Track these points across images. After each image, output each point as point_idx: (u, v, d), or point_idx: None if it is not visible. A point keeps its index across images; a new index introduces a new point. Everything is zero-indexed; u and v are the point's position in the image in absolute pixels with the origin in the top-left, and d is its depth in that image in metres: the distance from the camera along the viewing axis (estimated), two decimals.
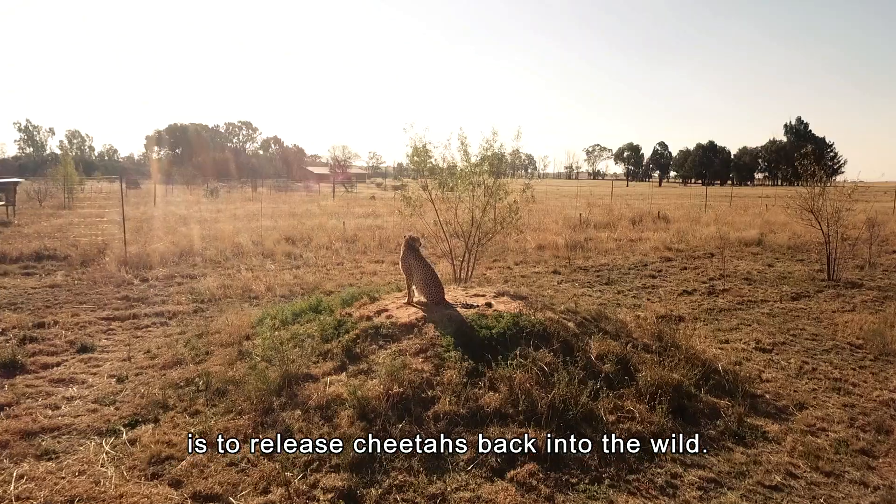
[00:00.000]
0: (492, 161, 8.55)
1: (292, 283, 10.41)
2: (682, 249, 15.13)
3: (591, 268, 12.49)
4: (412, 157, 8.79)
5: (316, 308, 6.73)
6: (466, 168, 8.60)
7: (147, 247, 13.36)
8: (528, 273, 11.83)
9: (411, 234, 6.53)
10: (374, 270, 11.80)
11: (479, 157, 8.71)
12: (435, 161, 8.59)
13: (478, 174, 8.63)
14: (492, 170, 8.62)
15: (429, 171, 8.77)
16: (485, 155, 8.63)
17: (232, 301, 9.05)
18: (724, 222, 21.42)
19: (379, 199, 46.85)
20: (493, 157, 8.53)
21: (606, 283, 10.95)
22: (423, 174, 8.90)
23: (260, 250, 13.92)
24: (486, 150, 8.55)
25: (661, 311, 8.53)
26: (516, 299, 6.67)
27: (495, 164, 8.59)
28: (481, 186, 8.64)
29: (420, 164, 8.79)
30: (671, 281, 11.21)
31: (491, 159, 8.54)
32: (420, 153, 8.65)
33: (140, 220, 22.12)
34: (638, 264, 12.95)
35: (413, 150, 8.74)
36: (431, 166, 8.75)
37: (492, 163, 8.57)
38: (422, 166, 8.82)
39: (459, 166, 8.60)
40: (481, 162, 8.69)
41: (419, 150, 8.62)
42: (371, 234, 17.21)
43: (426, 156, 8.71)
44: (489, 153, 8.55)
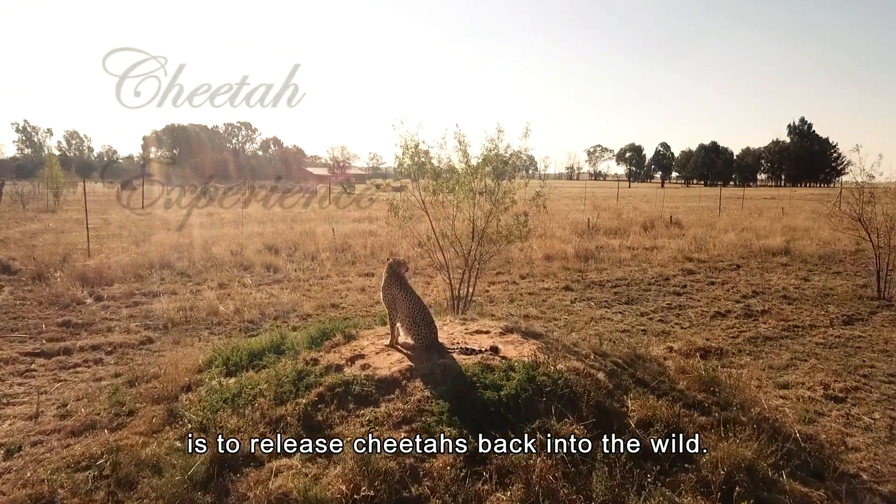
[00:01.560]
0: (496, 163, 7.19)
1: (266, 303, 9.06)
2: (704, 260, 13.76)
3: (606, 283, 11.12)
4: (402, 159, 7.43)
5: (278, 348, 5.38)
6: (465, 171, 7.24)
7: (112, 258, 12.01)
8: (536, 289, 10.46)
9: (395, 258, 5.19)
10: (363, 286, 10.44)
11: (480, 159, 7.35)
12: (426, 161, 7.22)
13: (479, 178, 7.27)
14: (495, 172, 7.26)
15: (420, 172, 7.41)
16: (487, 156, 7.27)
17: (191, 328, 7.70)
18: (742, 228, 20.06)
19: (377, 201, 45.55)
20: (496, 158, 7.16)
21: (626, 303, 9.59)
22: (413, 177, 7.53)
23: (238, 261, 12.57)
24: (490, 151, 7.18)
25: (696, 342, 7.18)
26: (529, 338, 5.32)
27: (499, 167, 7.23)
28: (483, 192, 7.27)
29: (411, 166, 7.43)
30: (699, 299, 9.85)
31: (494, 161, 7.17)
32: (412, 153, 7.30)
33: (121, 226, 20.80)
34: (658, 278, 11.58)
35: (403, 149, 7.39)
36: (420, 164, 7.39)
37: (495, 165, 7.21)
38: (413, 169, 7.46)
39: (458, 168, 7.23)
40: (483, 164, 7.33)
41: (410, 150, 7.26)
42: (363, 242, 15.85)
43: (419, 156, 7.35)
44: (493, 153, 7.18)
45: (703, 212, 31.76)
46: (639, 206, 39.26)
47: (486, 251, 7.57)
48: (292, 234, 18.52)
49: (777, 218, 24.46)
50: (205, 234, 16.99)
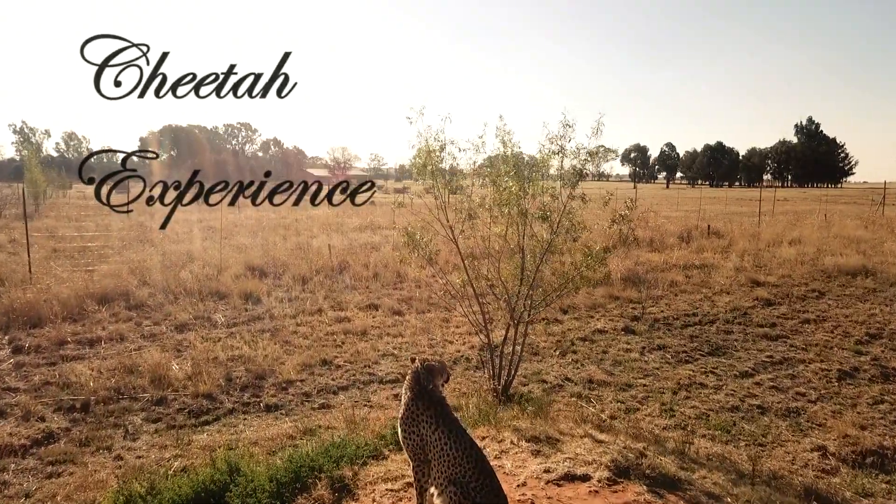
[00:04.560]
0: (568, 174, 4.87)
1: (234, 359, 6.76)
2: (775, 284, 11.43)
3: (673, 320, 8.81)
4: (418, 163, 5.11)
5: None
6: (511, 188, 4.91)
7: (57, 286, 9.72)
8: (587, 331, 8.14)
9: (423, 362, 2.90)
10: (364, 328, 8.13)
11: (531, 171, 5.05)
12: (455, 174, 4.94)
13: (532, 193, 4.96)
14: (564, 184, 4.93)
15: (446, 185, 5.12)
16: (545, 161, 4.96)
17: (119, 411, 5.40)
18: (791, 239, 17.73)
19: (379, 205, 43.22)
20: (567, 166, 4.85)
21: (712, 353, 7.28)
22: (437, 193, 5.22)
23: (213, 288, 10.27)
24: (552, 153, 4.85)
25: (855, 435, 4.88)
26: (659, 493, 3.02)
27: (571, 177, 4.88)
28: (540, 216, 4.95)
29: (433, 172, 5.12)
30: (804, 347, 7.54)
31: (567, 173, 4.85)
32: (431, 157, 4.99)
33: (91, 238, 18.50)
34: (734, 312, 9.27)
35: (419, 152, 5.08)
36: (446, 175, 5.10)
37: (565, 174, 4.89)
38: (435, 177, 5.15)
39: (505, 182, 4.90)
40: (536, 173, 5.02)
41: (433, 155, 4.96)
42: (364, 259, 13.57)
43: (441, 160, 5.05)
44: (554, 159, 4.86)
45: (733, 217, 29.40)
46: (658, 209, 36.95)
47: (539, 299, 5.26)
48: (284, 247, 16.26)
49: (822, 226, 22.13)
50: (181, 249, 14.71)
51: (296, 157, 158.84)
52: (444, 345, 7.44)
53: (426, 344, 7.45)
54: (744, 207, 44.31)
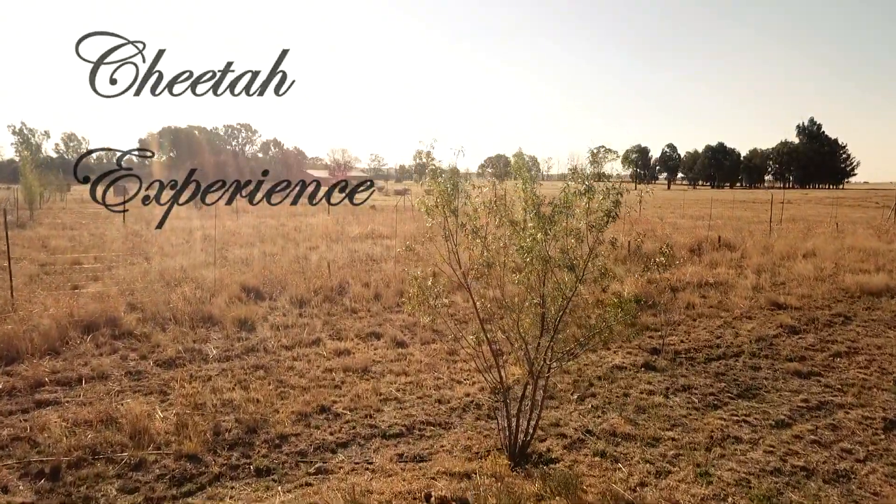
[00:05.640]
0: (595, 212, 4.29)
1: (224, 405, 6.20)
2: (797, 307, 10.88)
3: (695, 353, 8.25)
4: (429, 203, 4.56)
5: None
6: (534, 233, 4.34)
7: (40, 311, 9.16)
8: (605, 368, 7.58)
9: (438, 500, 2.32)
10: (365, 364, 7.57)
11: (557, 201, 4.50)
12: (471, 214, 4.38)
13: (555, 234, 4.39)
14: (593, 225, 4.35)
15: (459, 226, 4.56)
16: (570, 200, 4.39)
17: (92, 478, 4.84)
18: (806, 252, 17.18)
19: (380, 209, 42.66)
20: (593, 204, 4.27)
21: (742, 396, 6.73)
22: (448, 228, 4.66)
23: (206, 312, 9.72)
24: (577, 195, 4.27)
25: None
26: None
27: (600, 220, 4.30)
28: (566, 265, 4.40)
29: (444, 212, 4.57)
30: (839, 386, 6.99)
31: (595, 216, 4.27)
32: (442, 197, 4.43)
33: (84, 250, 17.95)
34: (759, 343, 8.71)
35: (429, 192, 4.53)
36: (453, 212, 4.55)
37: (596, 220, 4.32)
38: (446, 216, 4.58)
39: (525, 220, 4.32)
40: (559, 212, 4.47)
41: (442, 193, 4.40)
42: (364, 277, 13.03)
43: (451, 200, 4.50)
44: (584, 199, 4.27)
45: (740, 223, 28.83)
46: (664, 215, 36.41)
47: (560, 351, 4.71)
48: (283, 261, 15.72)
49: (834, 235, 21.58)
50: (175, 265, 14.15)
51: (296, 158, 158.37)
52: (451, 385, 6.88)
53: (432, 385, 6.89)
54: (748, 212, 43.80)
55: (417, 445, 5.42)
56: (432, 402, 6.39)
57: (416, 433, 5.68)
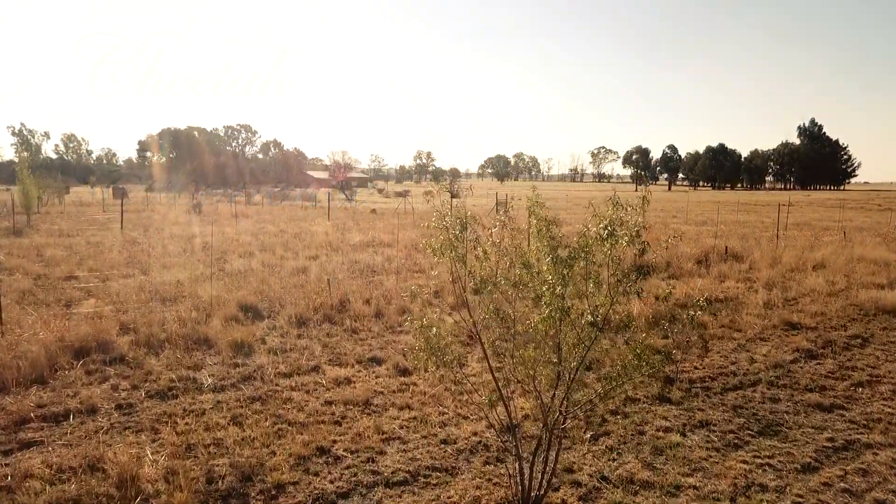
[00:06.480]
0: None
1: (217, 445, 5.87)
2: (811, 326, 10.55)
3: (710, 382, 7.92)
4: (435, 244, 4.22)
5: None
6: (553, 288, 4.00)
7: (31, 334, 8.83)
8: (616, 400, 7.24)
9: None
10: (366, 396, 7.21)
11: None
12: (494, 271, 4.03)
13: (570, 288, 4.06)
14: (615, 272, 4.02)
15: (470, 275, 4.23)
16: (590, 245, 4.04)
17: None
18: (816, 264, 16.86)
19: (380, 213, 42.33)
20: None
21: (763, 433, 6.40)
22: (457, 273, 4.33)
23: (202, 334, 9.38)
24: (600, 240, 3.91)
25: None
26: None
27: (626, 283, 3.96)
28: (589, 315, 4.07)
29: (452, 258, 4.23)
30: (864, 422, 6.66)
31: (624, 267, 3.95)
32: (451, 242, 4.09)
33: (78, 262, 17.61)
34: (777, 370, 8.38)
35: (437, 237, 4.18)
36: (461, 257, 4.20)
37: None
38: (455, 262, 4.24)
39: (542, 268, 3.97)
40: (583, 251, 4.13)
41: (451, 237, 4.06)
42: (366, 291, 12.71)
43: (459, 244, 4.16)
44: (607, 244, 3.91)
45: (744, 228, 28.49)
46: (667, 220, 36.06)
47: (579, 402, 4.39)
48: (283, 272, 15.42)
49: (842, 244, 21.25)
50: (171, 279, 13.83)
51: (296, 159, 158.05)
52: (457, 422, 6.55)
53: (437, 421, 6.56)
54: (752, 215, 43.50)
55: (423, 496, 5.09)
56: (437, 442, 6.06)
57: (422, 480, 5.35)
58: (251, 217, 37.69)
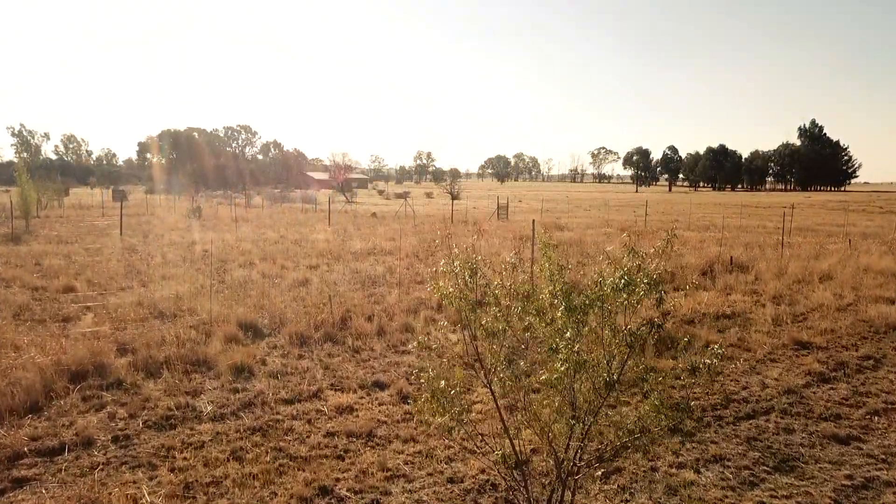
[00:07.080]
0: None
1: (216, 485, 5.68)
2: (822, 345, 10.37)
3: (722, 409, 7.73)
4: (444, 290, 4.05)
5: None
6: (568, 340, 3.84)
7: (26, 359, 8.65)
8: (626, 429, 7.06)
9: None
10: (369, 427, 7.01)
11: None
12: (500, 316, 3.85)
13: (584, 335, 3.89)
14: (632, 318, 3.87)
15: (480, 325, 4.05)
16: (608, 295, 3.86)
17: None
18: (822, 276, 16.67)
19: (381, 216, 42.17)
20: None
21: (779, 469, 6.21)
22: (467, 321, 4.15)
23: (199, 355, 9.20)
24: (617, 290, 3.75)
25: None
26: None
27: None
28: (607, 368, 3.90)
29: (461, 307, 4.05)
30: (882, 455, 6.47)
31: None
32: (459, 290, 3.91)
33: (78, 272, 17.40)
34: (789, 395, 8.19)
35: (446, 284, 4.00)
36: (471, 306, 4.03)
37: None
38: (464, 312, 4.05)
39: (556, 318, 3.82)
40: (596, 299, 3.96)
41: (460, 283, 3.88)
42: (367, 306, 12.52)
43: (469, 291, 3.99)
44: (624, 293, 3.75)
45: (748, 233, 28.27)
46: (665, 221, 35.84)
47: (593, 455, 4.21)
48: (283, 284, 15.26)
49: (848, 253, 21.06)
50: (170, 293, 13.64)
51: (296, 160, 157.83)
52: (464, 457, 6.36)
53: (443, 456, 6.38)
54: (754, 219, 43.34)
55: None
56: (444, 480, 5.87)
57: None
58: (251, 221, 37.51)
